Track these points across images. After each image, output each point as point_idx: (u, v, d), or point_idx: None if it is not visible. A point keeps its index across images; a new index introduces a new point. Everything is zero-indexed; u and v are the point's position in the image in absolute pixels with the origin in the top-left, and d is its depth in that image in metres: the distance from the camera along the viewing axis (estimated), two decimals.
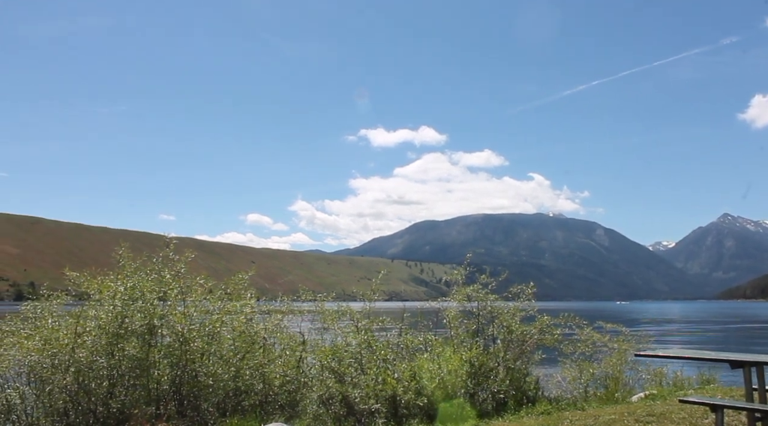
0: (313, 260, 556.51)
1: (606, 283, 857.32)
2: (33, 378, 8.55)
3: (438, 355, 10.18)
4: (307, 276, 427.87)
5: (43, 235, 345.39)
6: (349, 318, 10.44)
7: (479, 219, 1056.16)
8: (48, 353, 8.41)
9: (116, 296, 8.98)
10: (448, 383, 9.91)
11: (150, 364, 8.95)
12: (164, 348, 9.19)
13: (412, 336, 10.56)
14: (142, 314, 9.02)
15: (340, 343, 10.10)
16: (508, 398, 10.33)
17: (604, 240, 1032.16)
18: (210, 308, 9.86)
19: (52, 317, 8.94)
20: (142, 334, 9.04)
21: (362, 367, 9.74)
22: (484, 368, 10.29)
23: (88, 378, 8.61)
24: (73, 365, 8.49)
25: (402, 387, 9.17)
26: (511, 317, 11.17)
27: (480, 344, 10.82)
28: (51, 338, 8.48)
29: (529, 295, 11.61)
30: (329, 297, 11.10)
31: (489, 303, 11.35)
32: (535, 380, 11.11)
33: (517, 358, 10.91)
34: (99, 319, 8.90)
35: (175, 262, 9.78)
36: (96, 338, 8.76)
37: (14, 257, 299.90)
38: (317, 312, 10.74)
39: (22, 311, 9.15)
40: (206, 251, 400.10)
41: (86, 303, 9.19)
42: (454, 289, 11.76)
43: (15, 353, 8.42)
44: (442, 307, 11.48)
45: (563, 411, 9.80)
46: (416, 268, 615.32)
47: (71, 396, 8.49)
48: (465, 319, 11.33)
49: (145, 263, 9.75)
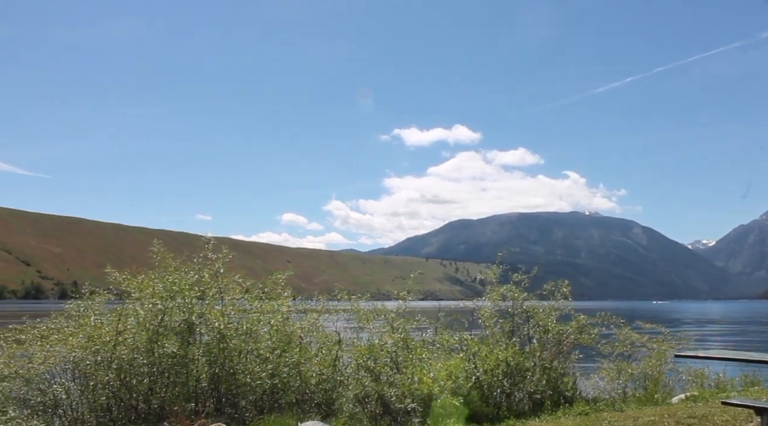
0: (347, 260, 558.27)
1: (644, 282, 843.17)
2: (77, 374, 8.77)
3: (474, 354, 10.14)
4: (342, 275, 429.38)
5: (84, 235, 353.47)
6: (384, 317, 10.45)
7: (514, 218, 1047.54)
8: (91, 350, 8.62)
9: (155, 294, 9.15)
10: (484, 383, 9.87)
11: (189, 361, 9.10)
12: (203, 346, 9.34)
13: (447, 335, 10.53)
14: (181, 312, 9.18)
15: (376, 342, 10.11)
16: (545, 398, 10.23)
17: (642, 238, 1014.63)
18: (247, 307, 9.98)
19: (94, 315, 9.15)
20: (181, 332, 9.21)
21: (398, 366, 9.74)
22: (520, 368, 10.21)
23: (130, 375, 8.80)
24: (115, 362, 8.68)
25: (438, 386, 9.15)
26: (546, 316, 11.07)
27: (516, 344, 10.74)
28: (94, 336, 8.68)
29: (565, 293, 11.49)
30: (365, 296, 11.14)
31: (524, 302, 11.26)
32: (572, 380, 10.99)
33: (554, 358, 10.80)
34: (139, 317, 9.09)
35: (214, 261, 9.92)
36: (136, 336, 8.94)
37: (57, 257, 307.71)
38: (353, 311, 10.78)
39: (66, 309, 9.39)
40: (242, 251, 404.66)
41: (126, 301, 9.39)
42: (488, 288, 11.68)
43: (60, 350, 8.64)
44: (477, 307, 11.42)
45: (601, 412, 9.67)
46: (451, 268, 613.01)
47: (113, 392, 8.68)
48: (500, 318, 11.26)
49: (184, 262, 9.91)
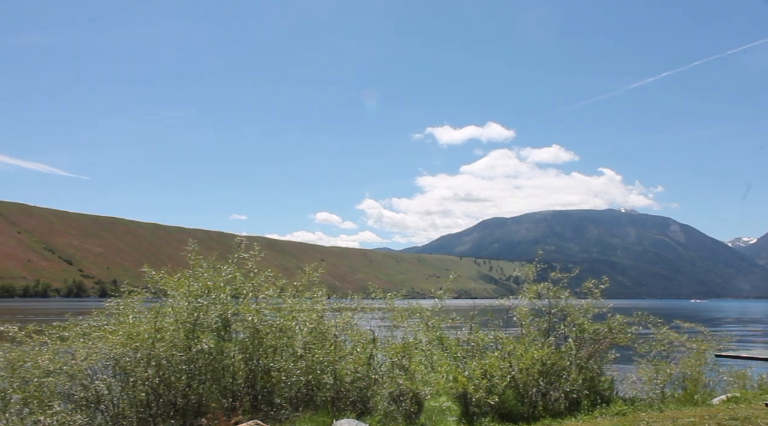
0: (381, 258, 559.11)
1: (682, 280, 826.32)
2: (118, 370, 8.97)
3: (509, 353, 10.07)
4: (375, 274, 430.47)
5: (123, 234, 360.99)
6: (419, 316, 10.44)
7: (548, 216, 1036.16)
8: (131, 347, 8.80)
9: (191, 293, 9.31)
10: (519, 382, 9.79)
11: (225, 358, 9.23)
12: (238, 343, 9.47)
13: (482, 334, 10.48)
14: (216, 310, 9.32)
15: (411, 340, 10.12)
16: (582, 398, 10.12)
17: (680, 236, 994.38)
18: (281, 306, 10.08)
19: (133, 313, 9.35)
20: (217, 330, 9.35)
21: (432, 365, 9.74)
22: (556, 367, 10.11)
23: (168, 371, 8.96)
24: (154, 359, 8.85)
25: (473, 385, 9.12)
26: (582, 315, 10.95)
27: (552, 343, 10.64)
28: (133, 333, 8.86)
29: (597, 293, 11.31)
30: (399, 295, 11.15)
31: (560, 301, 11.14)
32: (609, 380, 10.85)
33: (590, 357, 10.68)
34: (176, 315, 9.26)
35: (246, 260, 10.07)
36: (174, 333, 9.11)
37: (98, 256, 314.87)
38: (387, 310, 10.81)
39: (107, 307, 9.61)
40: (277, 250, 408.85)
41: (164, 299, 9.58)
42: (523, 286, 11.59)
43: (102, 347, 8.85)
44: (512, 305, 11.34)
45: (639, 412, 9.54)
46: (485, 266, 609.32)
47: (153, 388, 8.85)
48: (536, 317, 11.16)
49: (218, 260, 10.07)
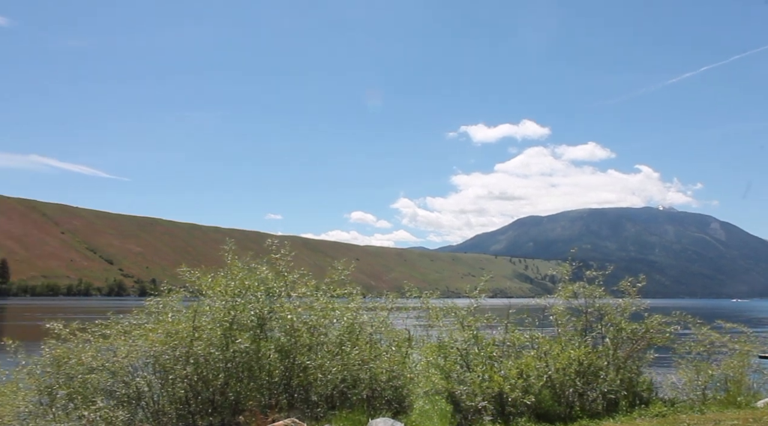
0: (416, 257, 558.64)
1: (723, 279, 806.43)
2: (158, 368, 9.18)
3: (545, 353, 9.99)
4: (410, 273, 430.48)
5: (162, 234, 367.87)
6: (454, 315, 10.42)
7: (584, 214, 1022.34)
8: (170, 345, 8.99)
9: (227, 292, 9.46)
10: (556, 382, 9.71)
11: (261, 356, 9.36)
12: (274, 341, 9.58)
13: (518, 333, 10.41)
14: (252, 308, 9.46)
15: (446, 339, 10.11)
16: (620, 398, 9.99)
17: (720, 234, 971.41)
18: (315, 305, 10.17)
19: (172, 312, 9.55)
20: (253, 328, 9.48)
21: (468, 364, 9.71)
22: (593, 367, 9.99)
23: (206, 369, 9.13)
24: (192, 357, 9.03)
25: (509, 385, 9.07)
26: (620, 314, 10.79)
27: (588, 342, 10.51)
28: (172, 331, 9.05)
29: (636, 291, 11.12)
30: (434, 294, 11.15)
31: (596, 300, 11.00)
32: (647, 381, 10.68)
33: (628, 358, 10.52)
34: (214, 314, 9.43)
35: (278, 260, 10.21)
36: (211, 332, 9.26)
37: (137, 255, 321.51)
38: (422, 309, 10.82)
39: (146, 306, 9.83)
40: (311, 249, 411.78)
41: (201, 298, 9.75)
42: (559, 285, 11.47)
43: (142, 344, 9.06)
44: (548, 304, 11.23)
45: (680, 414, 9.38)
46: (520, 265, 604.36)
47: (191, 385, 9.03)
48: (572, 316, 11.04)
49: (253, 260, 10.21)
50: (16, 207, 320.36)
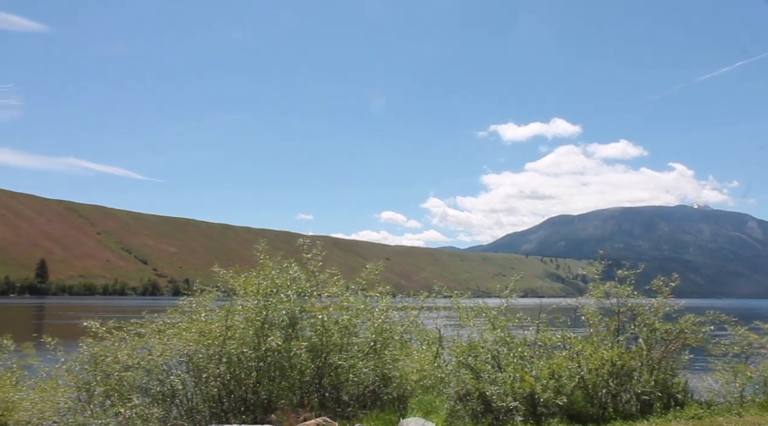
0: (446, 257, 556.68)
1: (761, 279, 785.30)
2: (191, 366, 9.33)
3: (577, 353, 9.89)
4: (441, 272, 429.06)
5: (195, 234, 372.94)
6: (485, 315, 10.38)
7: (617, 212, 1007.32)
8: (203, 344, 9.13)
9: (259, 291, 9.56)
10: (588, 382, 9.61)
11: (293, 355, 9.43)
12: (305, 340, 9.66)
13: (549, 333, 10.32)
14: (284, 307, 9.54)
15: (476, 339, 10.07)
16: (654, 400, 9.84)
17: (758, 233, 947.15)
18: (346, 305, 10.22)
19: (205, 311, 9.70)
20: (285, 328, 9.56)
21: (499, 364, 9.67)
22: (626, 368, 9.86)
23: (238, 368, 9.24)
24: (225, 356, 9.15)
25: (540, 385, 9.01)
26: (653, 314, 10.62)
27: (621, 343, 10.38)
28: (205, 330, 9.19)
29: (669, 291, 10.93)
30: (466, 294, 11.12)
31: (629, 299, 10.85)
32: (682, 382, 10.48)
33: (662, 358, 10.35)
34: (246, 313, 9.53)
35: (309, 259, 10.28)
36: (244, 331, 9.37)
37: (171, 255, 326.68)
38: (453, 308, 10.80)
39: (180, 305, 10.00)
40: (342, 249, 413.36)
41: (234, 298, 9.87)
42: (591, 285, 11.34)
43: (176, 343, 9.21)
44: (580, 304, 11.12)
45: (716, 416, 9.21)
46: (551, 264, 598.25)
47: (224, 384, 9.15)
48: (604, 316, 10.91)
49: (284, 259, 10.30)
50: (54, 208, 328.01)
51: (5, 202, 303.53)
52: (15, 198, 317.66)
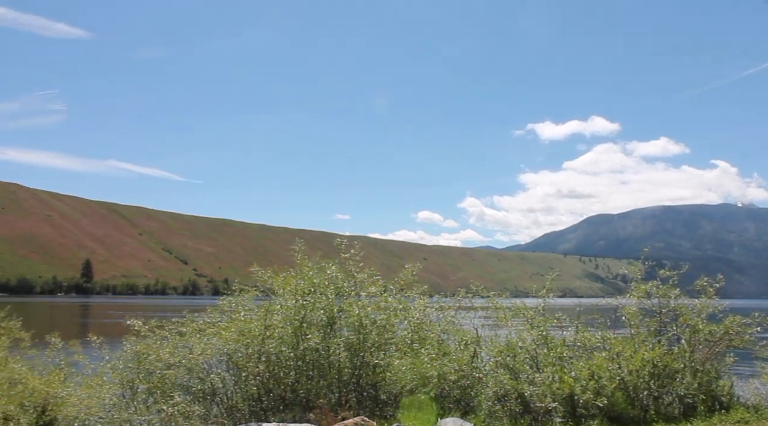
0: (483, 256, 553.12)
1: None
2: (231, 365, 9.50)
3: (617, 354, 9.73)
4: (478, 272, 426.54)
5: (233, 235, 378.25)
6: (523, 315, 10.30)
7: (657, 211, 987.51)
8: (242, 343, 9.28)
9: (298, 291, 9.66)
10: (629, 384, 9.45)
11: (331, 355, 9.51)
12: (343, 339, 9.73)
13: (589, 334, 10.18)
14: (322, 307, 9.63)
15: (514, 339, 10.00)
16: (697, 403, 9.62)
17: None
18: (383, 305, 10.25)
19: (244, 310, 9.85)
20: (323, 327, 9.65)
21: (537, 365, 9.58)
22: (668, 370, 9.66)
23: (277, 367, 9.36)
24: (264, 355, 9.28)
25: (580, 386, 8.89)
26: (696, 315, 10.37)
27: (663, 344, 10.18)
28: (244, 329, 9.34)
29: (714, 292, 10.67)
30: (503, 294, 11.06)
31: (671, 300, 10.62)
32: (728, 384, 10.21)
33: (706, 360, 10.11)
34: (285, 312, 9.65)
35: (347, 259, 10.35)
36: (282, 330, 9.49)
37: (210, 256, 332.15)
38: (490, 308, 10.74)
39: (220, 305, 10.18)
40: (379, 249, 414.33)
41: (272, 297, 10.00)
42: (631, 285, 11.14)
43: (216, 342, 9.38)
44: (620, 304, 10.93)
45: (764, 421, 8.98)
46: (590, 264, 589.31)
47: (263, 383, 9.27)
48: (645, 316, 10.71)
49: (322, 259, 10.40)
50: (97, 210, 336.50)
51: (52, 204, 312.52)
52: (61, 200, 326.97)
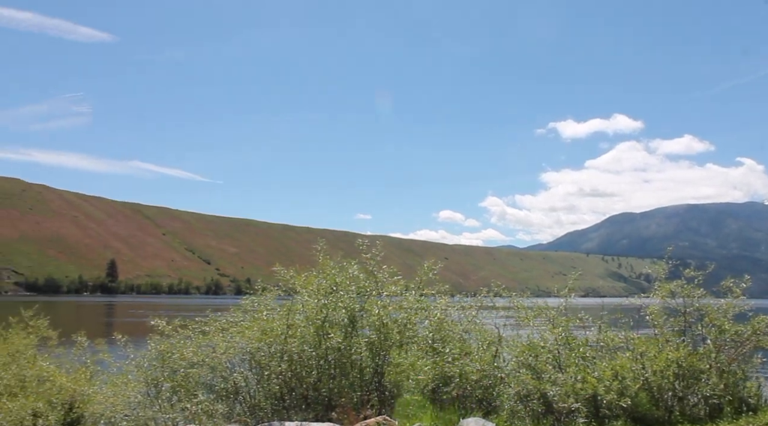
0: (505, 256, 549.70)
1: None
2: (254, 364, 9.56)
3: (641, 354, 9.63)
4: (500, 272, 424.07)
5: (256, 235, 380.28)
6: (545, 315, 10.24)
7: (681, 210, 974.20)
8: (265, 342, 9.33)
9: (319, 290, 9.70)
10: (653, 384, 9.35)
11: (353, 354, 9.54)
12: (365, 338, 9.76)
13: (612, 334, 10.09)
14: (344, 307, 9.66)
15: (536, 339, 9.94)
16: (724, 404, 9.49)
17: None
18: (404, 304, 10.26)
19: (266, 310, 9.91)
20: (345, 326, 9.68)
21: (560, 365, 9.52)
22: (693, 370, 9.53)
23: (300, 366, 9.41)
24: (286, 354, 9.33)
25: (603, 386, 8.81)
26: (722, 315, 10.22)
27: (688, 344, 10.05)
28: (267, 329, 9.39)
29: (740, 291, 10.49)
30: (524, 294, 11.01)
31: (696, 299, 10.47)
32: (755, 386, 10.06)
33: (732, 361, 9.96)
34: (307, 312, 9.70)
35: (368, 259, 10.38)
36: (304, 329, 9.54)
37: (233, 255, 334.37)
38: (512, 308, 10.70)
39: (242, 304, 10.25)
40: (400, 248, 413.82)
41: (295, 297, 10.05)
42: (655, 284, 11.01)
43: (239, 341, 9.46)
44: (643, 304, 10.81)
45: None
46: (613, 263, 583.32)
47: (286, 381, 9.33)
48: (669, 316, 10.57)
49: (344, 259, 10.43)
50: (121, 210, 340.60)
51: (78, 204, 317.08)
52: (86, 200, 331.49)
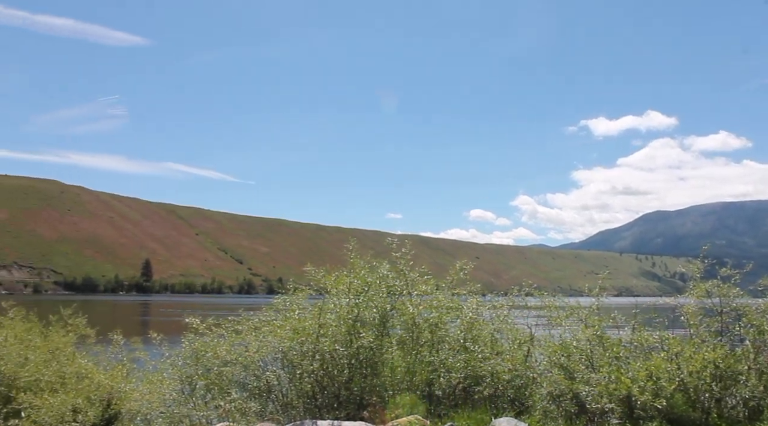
0: (536, 255, 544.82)
1: None
2: (286, 363, 9.65)
3: (676, 354, 9.46)
4: (531, 271, 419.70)
5: (288, 235, 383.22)
6: (576, 315, 10.14)
7: (717, 207, 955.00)
8: (297, 341, 9.41)
9: (351, 290, 9.75)
10: (689, 386, 9.18)
11: (384, 353, 9.57)
12: (395, 337, 9.78)
13: (646, 333, 9.93)
14: (375, 306, 9.70)
15: (569, 338, 9.85)
16: (764, 407, 9.27)
17: None
18: (435, 304, 10.26)
19: (298, 309, 9.99)
20: (376, 325, 9.72)
21: (593, 365, 9.41)
22: (731, 371, 9.33)
23: (331, 365, 9.46)
24: (318, 353, 9.39)
25: (637, 387, 8.68)
26: (761, 316, 9.98)
27: (725, 345, 9.84)
28: (299, 328, 9.47)
29: None
30: (556, 293, 10.92)
31: (733, 299, 10.25)
32: None
33: None
34: (338, 311, 9.75)
35: (399, 258, 10.40)
36: (336, 328, 9.59)
37: (265, 255, 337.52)
38: (544, 307, 10.62)
39: (275, 304, 10.35)
40: (431, 248, 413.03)
41: (326, 296, 10.12)
42: (691, 284, 10.81)
43: (271, 340, 9.56)
44: (679, 304, 10.61)
45: None
46: (647, 262, 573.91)
47: (317, 380, 9.39)
48: (705, 316, 10.36)
49: (374, 259, 10.47)
50: (156, 211, 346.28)
51: (114, 205, 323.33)
52: (122, 201, 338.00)
